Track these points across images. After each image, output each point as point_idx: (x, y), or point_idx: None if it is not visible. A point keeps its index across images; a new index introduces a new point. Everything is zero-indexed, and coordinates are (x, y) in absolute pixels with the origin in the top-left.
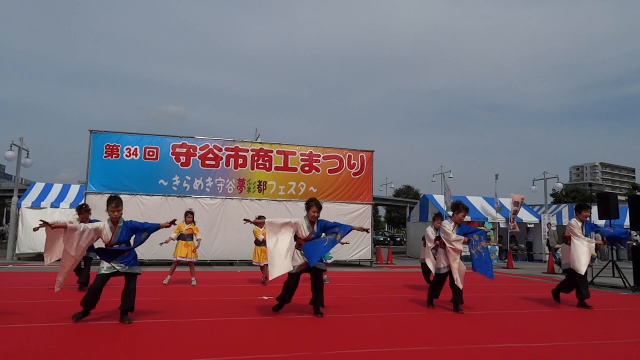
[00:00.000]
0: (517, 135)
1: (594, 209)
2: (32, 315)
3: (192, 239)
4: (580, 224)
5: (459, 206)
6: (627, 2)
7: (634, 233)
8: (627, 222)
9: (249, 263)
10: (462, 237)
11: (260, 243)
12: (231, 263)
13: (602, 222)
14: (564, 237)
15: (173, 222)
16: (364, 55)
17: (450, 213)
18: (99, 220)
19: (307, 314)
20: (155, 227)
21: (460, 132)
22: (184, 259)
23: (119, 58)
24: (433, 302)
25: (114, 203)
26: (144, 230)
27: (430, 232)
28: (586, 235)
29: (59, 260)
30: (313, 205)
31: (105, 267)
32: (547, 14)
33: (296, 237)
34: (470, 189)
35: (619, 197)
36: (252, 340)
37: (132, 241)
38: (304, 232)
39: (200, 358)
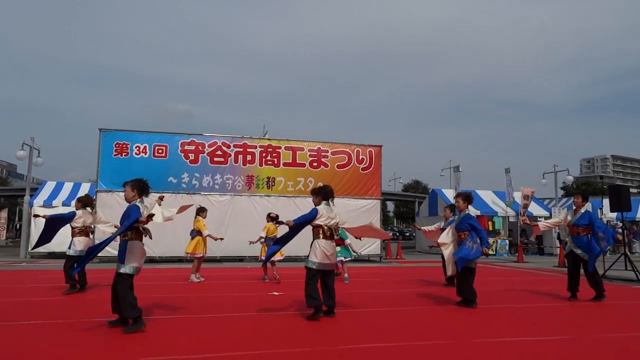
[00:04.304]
0: (526, 130)
1: (606, 202)
2: (46, 313)
3: (200, 235)
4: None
5: (467, 196)
6: None
7: None
8: (639, 215)
9: (258, 259)
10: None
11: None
12: (241, 259)
13: (613, 215)
14: None
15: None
16: (371, 52)
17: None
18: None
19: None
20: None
21: (467, 126)
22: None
23: (123, 57)
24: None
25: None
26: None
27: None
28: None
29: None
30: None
31: None
32: (553, 8)
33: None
34: (480, 183)
35: (631, 190)
36: (264, 335)
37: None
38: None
39: (212, 352)
